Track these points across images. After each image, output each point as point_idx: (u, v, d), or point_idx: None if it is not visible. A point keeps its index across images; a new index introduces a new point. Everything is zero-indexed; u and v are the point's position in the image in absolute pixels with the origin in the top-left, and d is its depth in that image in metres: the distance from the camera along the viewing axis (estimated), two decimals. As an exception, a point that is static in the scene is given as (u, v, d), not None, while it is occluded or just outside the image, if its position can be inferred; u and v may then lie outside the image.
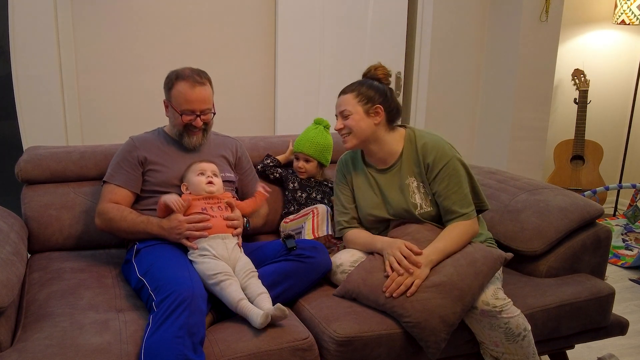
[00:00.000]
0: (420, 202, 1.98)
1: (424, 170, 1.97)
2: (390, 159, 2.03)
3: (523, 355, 1.82)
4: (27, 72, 2.93)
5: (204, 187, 1.97)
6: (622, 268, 3.42)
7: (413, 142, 2.01)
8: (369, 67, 2.06)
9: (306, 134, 2.41)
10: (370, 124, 1.97)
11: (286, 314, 1.68)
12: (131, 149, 2.08)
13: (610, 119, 4.44)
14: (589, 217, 2.13)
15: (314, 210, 2.19)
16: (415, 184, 1.99)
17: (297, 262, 1.88)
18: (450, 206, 1.94)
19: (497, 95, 3.80)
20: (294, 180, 2.38)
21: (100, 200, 2.03)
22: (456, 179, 1.94)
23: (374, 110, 1.97)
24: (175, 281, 1.63)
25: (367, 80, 2.03)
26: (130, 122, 3.10)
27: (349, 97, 1.99)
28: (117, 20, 3.07)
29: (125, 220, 1.95)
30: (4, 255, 1.69)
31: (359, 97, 1.98)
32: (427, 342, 1.72)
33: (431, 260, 1.83)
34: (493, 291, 1.79)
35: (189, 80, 2.00)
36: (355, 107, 1.97)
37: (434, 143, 1.98)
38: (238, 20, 3.32)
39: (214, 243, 1.85)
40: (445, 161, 1.94)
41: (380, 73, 2.03)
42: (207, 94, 2.04)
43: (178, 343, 1.49)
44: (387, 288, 1.78)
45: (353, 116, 1.97)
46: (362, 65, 2.15)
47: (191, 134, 2.07)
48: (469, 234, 1.92)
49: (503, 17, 3.69)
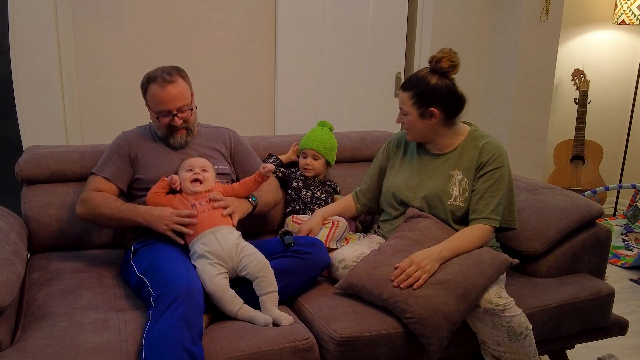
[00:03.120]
0: (456, 195, 1.97)
1: (476, 166, 1.97)
2: (446, 148, 2.03)
3: (524, 355, 1.82)
4: (27, 72, 2.92)
5: (188, 186, 1.95)
6: (622, 268, 3.42)
7: (476, 139, 2.01)
8: (432, 57, 1.95)
9: (313, 133, 2.42)
10: (427, 124, 1.97)
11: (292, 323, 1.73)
12: (123, 143, 2.07)
13: (610, 119, 4.44)
14: (589, 217, 2.13)
15: (335, 221, 2.18)
16: (460, 177, 1.98)
17: (295, 258, 1.87)
18: (482, 207, 1.93)
19: (497, 95, 3.80)
20: (298, 180, 2.38)
21: (84, 189, 2.02)
22: (499, 185, 1.94)
23: (428, 112, 1.94)
24: (171, 276, 1.64)
25: (427, 76, 1.95)
26: (130, 122, 3.09)
27: (405, 97, 1.97)
28: (117, 20, 3.07)
29: (109, 207, 1.93)
30: (4, 255, 1.69)
31: (414, 99, 1.94)
32: (430, 339, 1.71)
33: (443, 256, 1.82)
34: (496, 290, 1.79)
35: (158, 81, 1.97)
36: (410, 108, 1.96)
37: (496, 146, 1.98)
38: (238, 20, 3.32)
39: (206, 240, 1.82)
40: (498, 165, 1.95)
41: (447, 64, 1.93)
42: (179, 91, 1.99)
43: (177, 333, 1.50)
44: (395, 277, 1.77)
45: (409, 117, 1.98)
46: (362, 66, 2.15)
47: (175, 133, 2.05)
48: (483, 240, 1.92)
49: (503, 17, 3.69)
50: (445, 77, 1.95)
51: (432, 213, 2.00)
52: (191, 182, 1.95)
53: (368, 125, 3.62)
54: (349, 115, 3.64)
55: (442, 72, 1.94)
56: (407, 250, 1.87)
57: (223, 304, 1.72)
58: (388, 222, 2.13)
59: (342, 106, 3.62)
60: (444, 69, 1.94)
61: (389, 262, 1.84)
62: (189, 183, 1.95)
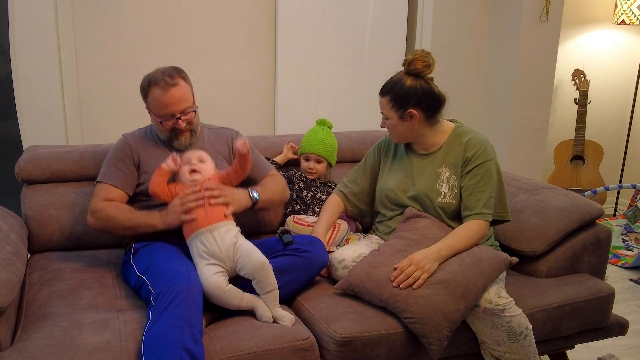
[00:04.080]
0: (445, 192, 1.98)
1: (462, 162, 1.98)
2: (432, 147, 2.05)
3: (524, 355, 1.83)
4: (27, 72, 2.92)
5: (187, 178, 1.93)
6: (622, 268, 3.42)
7: (460, 135, 2.03)
8: (405, 60, 1.98)
9: (315, 135, 2.41)
10: (407, 126, 1.99)
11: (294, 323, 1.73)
12: (125, 147, 2.05)
13: (610, 119, 4.44)
14: (589, 218, 2.13)
15: (337, 224, 2.18)
16: (447, 174, 2.00)
17: (294, 257, 1.87)
18: (473, 202, 1.94)
19: (497, 95, 3.80)
20: (299, 181, 2.39)
21: (93, 198, 1.98)
22: (487, 179, 1.95)
23: (407, 114, 1.96)
24: (171, 274, 1.64)
25: (399, 81, 1.97)
26: (130, 122, 3.08)
27: (384, 102, 2.00)
28: (117, 20, 3.07)
29: (124, 216, 1.92)
30: (4, 255, 1.69)
31: (392, 102, 1.97)
32: (430, 339, 1.71)
33: (442, 255, 1.83)
34: (496, 290, 1.79)
35: (160, 84, 1.93)
36: (389, 112, 1.99)
37: (480, 141, 1.99)
38: (238, 20, 3.32)
39: (204, 239, 1.79)
40: (484, 160, 1.96)
41: (419, 65, 1.95)
42: (182, 93, 1.96)
43: (177, 333, 1.49)
44: (395, 278, 1.77)
45: (390, 121, 2.00)
46: (362, 66, 2.15)
47: (179, 136, 2.03)
48: (479, 235, 1.93)
49: (503, 17, 3.68)
50: (420, 78, 1.96)
51: (425, 212, 2.01)
52: (189, 173, 1.94)
53: (368, 125, 3.62)
54: (349, 115, 3.64)
55: (416, 74, 1.96)
56: (406, 250, 1.87)
57: (223, 300, 1.72)
58: (383, 224, 2.13)
59: (342, 106, 3.62)
60: (418, 70, 1.96)
61: (388, 262, 1.84)
62: (188, 175, 1.93)
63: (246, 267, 1.76)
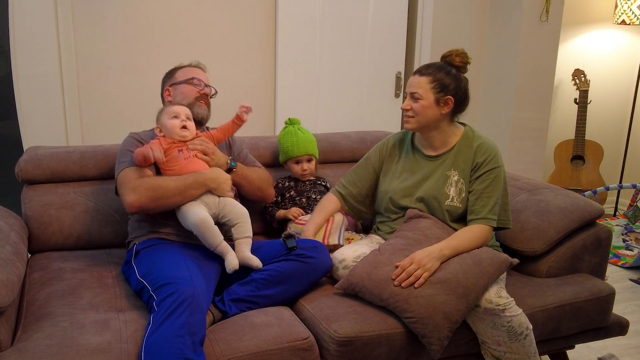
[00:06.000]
0: (453, 196, 1.98)
1: (471, 167, 1.99)
2: (441, 148, 2.05)
3: (525, 355, 1.83)
4: (27, 72, 2.92)
5: (177, 132, 1.96)
6: (622, 268, 3.42)
7: (470, 140, 2.03)
8: (450, 51, 2.02)
9: (296, 137, 2.37)
10: (438, 113, 1.98)
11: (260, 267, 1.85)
12: (135, 141, 2.04)
13: (611, 119, 4.44)
14: (589, 218, 2.13)
15: (330, 218, 2.17)
16: (456, 178, 2.00)
17: (298, 262, 1.87)
18: (479, 207, 1.95)
19: (497, 95, 3.80)
20: (289, 190, 2.38)
21: (126, 183, 1.88)
22: (495, 186, 1.96)
23: (444, 100, 1.97)
24: (176, 281, 1.63)
25: (446, 66, 1.99)
26: (130, 122, 3.10)
27: (423, 81, 1.97)
28: (117, 20, 3.07)
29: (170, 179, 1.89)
30: (4, 255, 1.69)
31: (434, 83, 1.96)
32: (430, 339, 1.71)
33: (444, 254, 1.83)
34: (496, 290, 1.79)
35: (191, 65, 2.20)
36: (427, 92, 1.96)
37: (490, 147, 2.00)
38: (238, 21, 3.32)
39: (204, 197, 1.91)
40: (494, 166, 1.97)
41: (459, 60, 1.99)
42: (207, 76, 2.21)
43: (178, 342, 1.48)
44: (396, 276, 1.77)
45: (422, 102, 1.96)
46: (362, 66, 2.15)
47: (200, 103, 2.12)
48: (482, 240, 1.93)
49: (503, 17, 3.69)
50: (458, 72, 2.01)
51: (429, 214, 2.01)
52: (181, 128, 1.97)
53: (368, 125, 3.63)
54: (349, 115, 3.64)
55: (455, 66, 2.01)
56: (407, 249, 1.87)
57: (207, 235, 1.84)
58: (386, 224, 2.13)
59: (342, 106, 3.63)
60: (457, 64, 2.00)
61: (389, 261, 1.84)
62: (179, 129, 1.97)
63: (231, 213, 1.92)
